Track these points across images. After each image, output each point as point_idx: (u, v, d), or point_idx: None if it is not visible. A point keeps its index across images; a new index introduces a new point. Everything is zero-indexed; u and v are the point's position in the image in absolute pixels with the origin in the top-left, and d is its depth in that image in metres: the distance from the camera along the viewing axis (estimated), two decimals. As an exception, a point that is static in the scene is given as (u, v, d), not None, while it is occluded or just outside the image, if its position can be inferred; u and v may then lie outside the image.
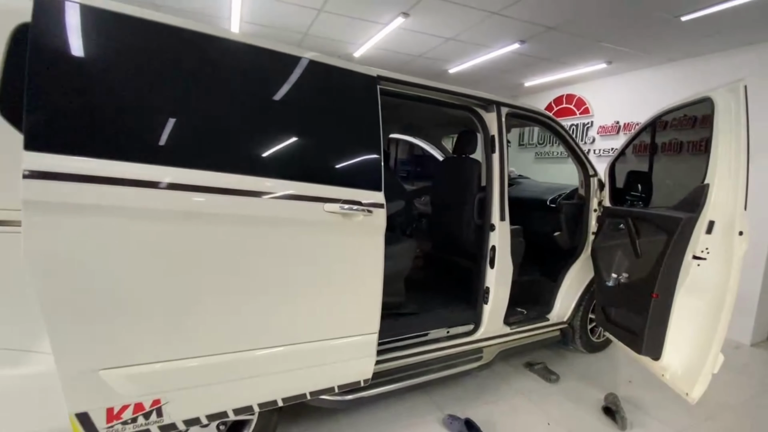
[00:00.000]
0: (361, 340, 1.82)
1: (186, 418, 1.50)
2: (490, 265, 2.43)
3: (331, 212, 1.59)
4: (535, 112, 2.75)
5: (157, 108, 1.37)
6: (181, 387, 1.45)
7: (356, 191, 1.67)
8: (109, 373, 1.32)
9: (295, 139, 1.61)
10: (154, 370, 1.39)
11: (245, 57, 1.55)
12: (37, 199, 1.16)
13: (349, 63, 1.77)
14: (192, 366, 1.45)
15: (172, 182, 1.31)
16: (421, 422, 2.25)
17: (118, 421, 1.38)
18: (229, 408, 1.58)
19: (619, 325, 2.48)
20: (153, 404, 1.41)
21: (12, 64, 1.30)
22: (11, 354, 1.34)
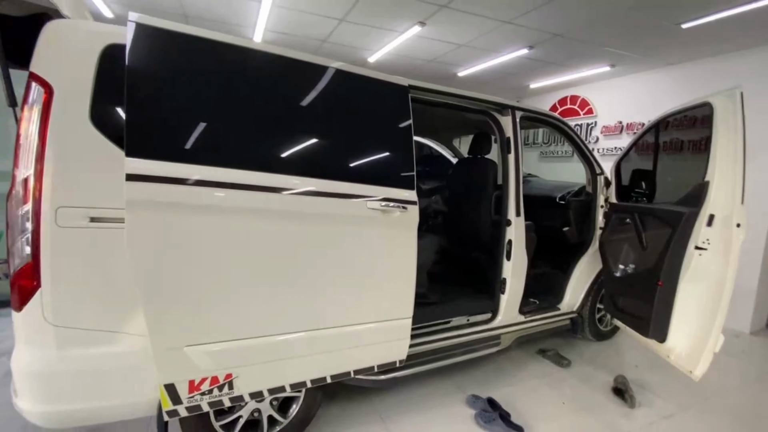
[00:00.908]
0: (397, 324, 2.02)
1: (252, 391, 1.70)
2: (507, 258, 2.63)
3: (373, 209, 1.80)
4: (546, 114, 2.94)
5: (233, 120, 1.58)
6: (249, 363, 1.66)
7: (393, 190, 1.88)
8: (192, 350, 1.53)
9: (344, 144, 1.84)
10: (228, 347, 1.59)
11: (309, 75, 1.77)
12: (136, 198, 1.36)
13: (384, 74, 1.97)
14: (259, 344, 1.66)
15: (246, 183, 1.53)
16: (446, 402, 2.45)
17: (197, 392, 1.58)
18: (286, 383, 1.78)
19: (626, 312, 2.68)
20: (226, 378, 1.62)
21: (101, 81, 1.49)
22: (103, 334, 1.53)
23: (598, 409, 2.46)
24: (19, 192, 1.43)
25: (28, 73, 1.44)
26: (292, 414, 1.97)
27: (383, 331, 1.98)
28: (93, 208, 1.47)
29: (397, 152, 1.96)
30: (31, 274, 1.43)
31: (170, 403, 1.54)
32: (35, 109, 1.42)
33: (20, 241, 1.43)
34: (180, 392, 1.55)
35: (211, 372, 1.59)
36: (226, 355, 1.60)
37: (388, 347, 2.03)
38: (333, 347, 1.86)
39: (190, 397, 1.57)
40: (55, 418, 1.55)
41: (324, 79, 1.79)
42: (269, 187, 1.57)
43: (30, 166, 1.41)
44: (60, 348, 1.48)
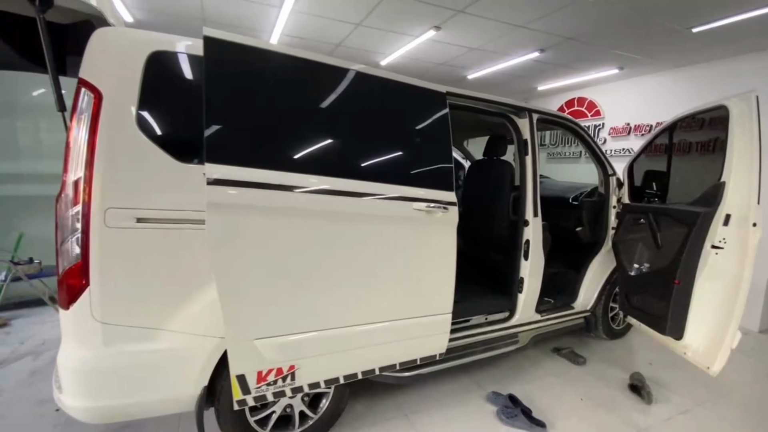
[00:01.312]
0: (439, 319, 2.13)
1: (310, 382, 1.79)
2: (525, 258, 2.68)
3: (418, 209, 1.92)
4: (562, 117, 3.00)
5: (300, 128, 1.71)
6: (309, 355, 1.75)
7: (435, 192, 2.00)
8: (261, 342, 1.62)
9: (393, 149, 1.97)
10: (292, 340, 1.70)
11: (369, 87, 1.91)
12: (215, 201, 1.46)
13: (425, 82, 2.08)
14: (319, 337, 1.76)
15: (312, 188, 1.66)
16: (467, 398, 2.50)
17: (264, 383, 1.67)
18: (341, 375, 1.87)
19: (642, 309, 2.73)
20: (289, 369, 1.72)
21: (147, 87, 1.55)
22: (147, 331, 1.58)
23: (616, 405, 2.51)
24: (69, 194, 1.48)
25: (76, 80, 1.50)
26: (322, 409, 2.02)
27: (426, 325, 2.09)
28: (139, 209, 1.53)
29: (438, 156, 2.08)
30: (80, 274, 1.49)
31: (240, 393, 1.62)
32: (85, 114, 1.48)
33: (70, 241, 1.48)
34: (249, 383, 1.64)
35: (277, 363, 1.68)
36: (290, 347, 1.70)
37: (430, 341, 2.14)
38: (383, 340, 1.96)
39: (258, 387, 1.67)
40: (99, 413, 1.60)
41: (381, 91, 1.95)
42: (328, 190, 1.69)
43: (80, 169, 1.47)
44: (107, 345, 1.53)
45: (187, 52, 1.63)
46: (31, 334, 3.25)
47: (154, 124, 1.56)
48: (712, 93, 4.04)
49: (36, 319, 3.55)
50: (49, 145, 3.99)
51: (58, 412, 2.19)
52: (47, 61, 1.55)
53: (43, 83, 3.78)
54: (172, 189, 1.58)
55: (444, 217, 2.02)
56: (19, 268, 3.36)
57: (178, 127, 1.63)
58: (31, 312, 3.69)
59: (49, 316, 3.57)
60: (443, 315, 2.13)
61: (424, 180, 1.98)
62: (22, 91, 3.85)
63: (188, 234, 1.61)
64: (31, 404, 2.28)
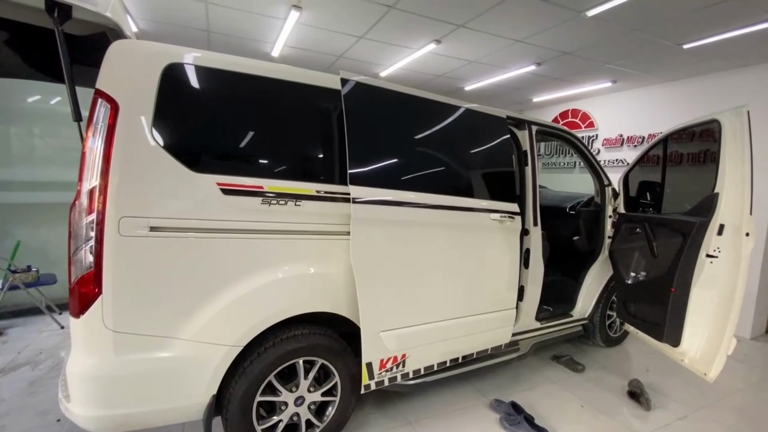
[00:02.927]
0: (507, 313, 2.54)
1: (414, 369, 2.14)
2: (525, 266, 2.73)
3: (493, 219, 2.36)
4: (559, 129, 3.09)
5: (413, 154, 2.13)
6: (416, 345, 2.09)
7: (504, 204, 2.43)
8: (386, 334, 1.96)
9: (476, 169, 2.40)
10: (405, 332, 2.04)
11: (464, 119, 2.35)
12: (357, 215, 1.83)
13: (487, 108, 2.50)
14: (425, 330, 2.11)
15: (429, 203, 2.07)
16: (470, 406, 2.52)
17: (384, 369, 2.01)
18: (435, 362, 2.23)
19: (639, 317, 2.79)
20: (402, 357, 2.05)
21: (162, 98, 1.58)
22: (158, 340, 1.59)
23: (616, 411, 2.55)
24: (83, 203, 1.50)
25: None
26: (328, 418, 2.03)
27: (498, 318, 2.49)
28: (153, 218, 1.55)
29: (505, 174, 2.51)
30: (93, 282, 1.49)
31: (368, 378, 1.96)
32: (101, 123, 1.50)
33: (84, 249, 1.49)
34: (374, 369, 1.97)
35: (394, 353, 2.01)
36: (404, 338, 2.03)
37: (499, 332, 2.53)
38: (468, 332, 2.33)
39: (380, 373, 1.99)
40: (107, 422, 1.59)
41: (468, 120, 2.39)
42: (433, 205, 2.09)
43: (95, 178, 1.49)
44: (118, 353, 1.54)
45: (202, 65, 1.67)
46: (28, 343, 3.20)
47: (169, 134, 1.59)
48: (703, 106, 4.18)
49: (32, 328, 3.50)
50: (44, 153, 3.97)
51: (59, 422, 2.17)
52: (65, 72, 1.57)
53: (38, 90, 3.79)
54: (186, 198, 1.61)
55: (511, 226, 2.45)
56: (16, 276, 3.32)
57: (192, 137, 1.67)
58: (28, 321, 3.64)
59: (46, 325, 3.52)
60: (510, 310, 2.54)
61: (497, 194, 2.41)
62: (17, 98, 3.83)
63: (200, 242, 1.64)
64: (32, 414, 2.25)
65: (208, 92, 1.70)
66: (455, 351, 2.32)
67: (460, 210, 2.22)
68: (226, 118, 1.74)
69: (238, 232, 1.71)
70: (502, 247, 2.44)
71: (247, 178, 1.72)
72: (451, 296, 2.23)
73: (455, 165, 2.31)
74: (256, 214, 1.73)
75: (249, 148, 1.79)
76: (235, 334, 1.70)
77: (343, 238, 1.94)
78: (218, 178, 1.66)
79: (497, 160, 2.48)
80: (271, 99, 1.83)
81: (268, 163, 1.82)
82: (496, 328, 2.49)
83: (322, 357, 1.95)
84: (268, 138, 1.83)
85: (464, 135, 2.37)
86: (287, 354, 1.84)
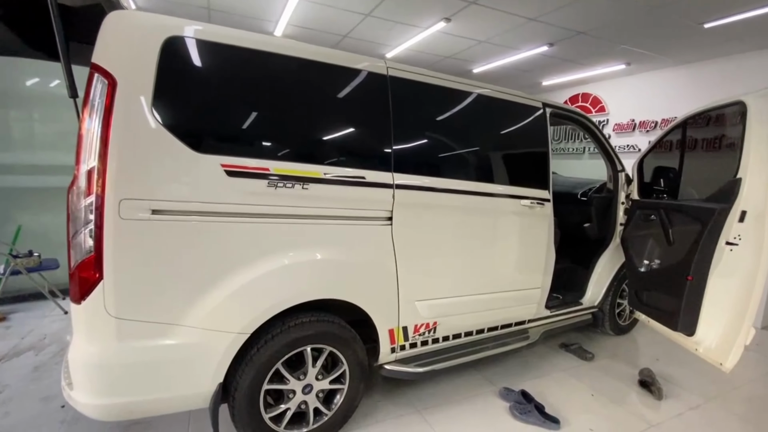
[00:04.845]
0: (533, 292, 2.68)
1: (443, 335, 2.32)
2: (537, 252, 2.67)
3: (524, 205, 2.45)
4: (574, 112, 2.97)
5: (449, 143, 2.26)
6: (446, 315, 2.26)
7: (536, 191, 2.51)
8: (420, 303, 2.14)
9: (509, 156, 2.50)
10: (437, 303, 2.21)
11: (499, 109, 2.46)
12: (400, 200, 1.95)
13: (526, 95, 2.56)
14: (455, 302, 2.29)
15: (461, 189, 2.20)
16: (479, 394, 2.48)
17: (417, 334, 2.18)
18: (462, 331, 2.41)
19: (652, 306, 2.73)
20: (433, 324, 2.23)
21: (163, 74, 1.49)
22: (162, 327, 1.54)
23: (627, 400, 2.51)
24: (81, 185, 1.43)
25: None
26: (336, 406, 1.99)
27: (523, 296, 2.63)
28: (155, 201, 1.48)
29: (539, 160, 2.58)
30: (94, 267, 1.43)
31: (402, 340, 2.13)
32: (98, 101, 1.42)
33: (83, 233, 1.43)
34: (409, 332, 2.15)
35: (427, 319, 2.19)
36: (436, 308, 2.21)
37: (523, 308, 2.68)
38: (493, 307, 2.49)
39: (414, 335, 2.17)
40: (111, 410, 1.55)
41: (504, 110, 2.48)
42: (466, 191, 2.22)
43: (93, 159, 1.41)
44: (121, 340, 1.49)
45: (205, 39, 1.57)
46: (31, 328, 3.18)
47: (170, 112, 1.51)
48: (719, 89, 4.04)
49: (36, 313, 3.48)
50: (45, 136, 3.89)
51: (63, 408, 2.15)
52: (59, 45, 1.48)
53: (37, 72, 3.68)
54: (189, 180, 1.53)
55: (542, 211, 2.55)
56: (18, 261, 3.28)
57: (194, 116, 1.58)
58: (31, 306, 3.61)
59: (50, 310, 3.50)
60: (536, 289, 2.68)
61: (529, 181, 2.49)
62: (18, 80, 3.74)
63: (205, 226, 1.57)
64: (36, 400, 2.23)
65: (211, 68, 1.60)
66: (481, 323, 2.49)
67: (493, 196, 2.33)
68: (231, 97, 1.65)
69: (244, 216, 1.64)
70: (530, 231, 2.56)
71: (252, 159, 1.64)
72: (480, 274, 2.39)
73: (490, 153, 2.44)
74: (262, 197, 1.66)
75: (255, 128, 1.70)
76: (241, 321, 1.65)
77: (354, 224, 1.88)
78: (222, 159, 1.58)
79: (531, 149, 2.59)
80: (280, 77, 1.74)
81: (274, 145, 1.74)
82: (519, 305, 2.64)
83: (330, 345, 1.90)
84: (275, 118, 1.75)
85: (500, 124, 2.48)
86: (295, 341, 1.79)
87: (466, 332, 2.43)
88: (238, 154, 1.62)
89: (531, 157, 2.60)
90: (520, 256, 2.55)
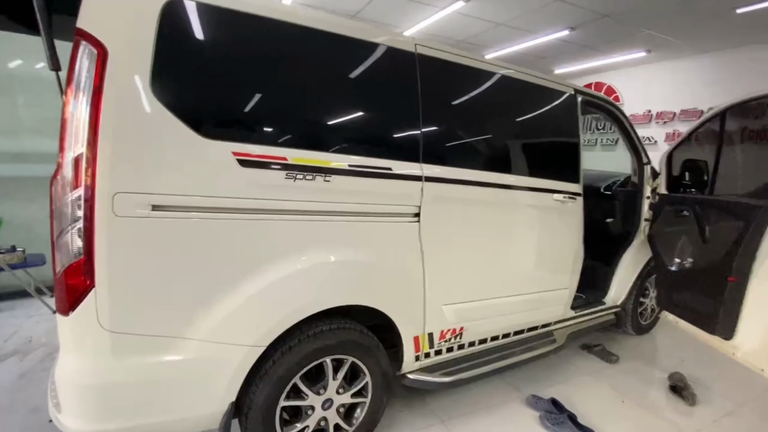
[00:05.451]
0: (561, 293, 2.51)
1: (469, 341, 2.12)
2: (564, 250, 2.50)
3: (556, 200, 2.28)
4: (605, 99, 2.79)
5: (479, 134, 2.08)
6: (473, 319, 2.07)
7: (568, 184, 2.35)
8: (447, 307, 1.95)
9: (542, 146, 2.38)
10: (466, 306, 2.03)
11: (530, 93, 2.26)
12: (429, 195, 1.76)
13: (560, 81, 2.39)
14: (480, 306, 2.09)
15: (495, 182, 2.02)
16: (505, 401, 2.32)
17: (443, 340, 1.99)
18: (488, 336, 2.21)
19: (685, 307, 2.58)
20: (460, 330, 2.04)
21: (163, 44, 1.25)
22: (165, 340, 1.33)
23: (659, 407, 2.37)
24: (67, 175, 1.20)
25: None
26: (357, 420, 1.81)
27: (551, 298, 2.46)
28: (155, 194, 1.25)
29: (571, 151, 2.43)
30: (84, 272, 1.21)
31: (428, 347, 1.95)
32: (85, 74, 1.18)
33: (70, 233, 1.20)
34: (435, 339, 1.96)
35: (453, 325, 2.00)
36: (463, 312, 2.02)
37: (549, 310, 2.50)
38: (523, 309, 2.31)
39: (439, 342, 1.98)
40: (107, 436, 1.34)
41: (536, 95, 2.29)
42: (500, 184, 2.04)
43: (81, 144, 1.18)
44: (116, 357, 1.27)
45: (214, 3, 1.33)
46: (15, 329, 2.94)
47: (173, 89, 1.28)
48: (742, 79, 3.87)
49: (20, 312, 3.24)
50: (28, 121, 3.59)
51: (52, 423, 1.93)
52: (37, 10, 1.24)
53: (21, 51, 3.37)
54: (195, 170, 1.31)
55: (574, 206, 2.40)
56: (0, 258, 3.02)
57: (201, 94, 1.35)
58: (14, 305, 3.36)
59: (35, 310, 3.25)
60: (564, 289, 2.51)
61: (561, 174, 2.33)
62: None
63: (213, 225, 1.35)
64: (24, 412, 2.02)
65: (221, 39, 1.37)
66: (508, 326, 2.31)
67: (526, 190, 2.16)
68: (245, 74, 1.42)
69: (258, 212, 1.42)
70: (564, 228, 2.42)
71: (269, 147, 1.42)
72: (510, 275, 2.23)
73: (524, 143, 2.26)
74: (279, 191, 1.44)
75: (271, 111, 1.48)
76: (256, 331, 1.44)
77: (379, 221, 1.68)
78: (234, 146, 1.35)
79: (564, 138, 2.43)
80: (300, 53, 1.51)
81: (293, 130, 1.52)
82: (548, 307, 2.48)
83: (352, 354, 1.71)
84: (294, 99, 1.52)
85: (535, 111, 2.31)
86: (314, 352, 1.59)
87: (492, 337, 2.25)
88: (252, 141, 1.40)
89: (564, 148, 2.43)
90: (550, 255, 2.39)
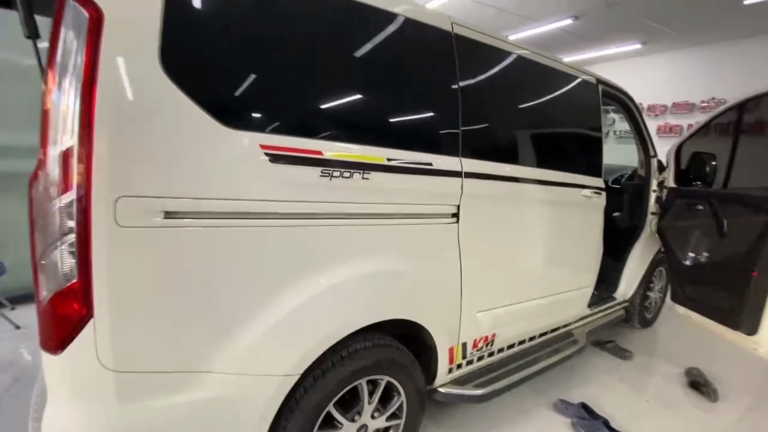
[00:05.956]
0: (584, 291, 2.46)
1: (499, 347, 1.99)
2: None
3: (584, 196, 2.22)
4: (622, 90, 2.71)
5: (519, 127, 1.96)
6: (504, 324, 1.94)
7: (593, 179, 2.27)
8: (482, 314, 1.81)
9: (573, 139, 2.32)
10: (500, 311, 1.90)
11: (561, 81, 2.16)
12: (469, 193, 1.60)
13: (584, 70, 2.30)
14: (513, 309, 1.97)
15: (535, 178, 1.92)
16: (533, 408, 2.21)
17: (475, 349, 1.85)
18: (516, 340, 2.09)
19: (703, 302, 2.55)
20: (492, 337, 1.90)
21: (174, 10, 0.99)
22: (181, 377, 1.08)
23: (682, 405, 2.34)
24: (52, 173, 0.93)
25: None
26: None
27: (577, 297, 2.40)
28: (168, 198, 1.00)
29: (596, 144, 2.34)
30: (79, 299, 0.95)
31: (461, 358, 1.79)
32: (75, 43, 0.91)
33: (59, 248, 0.93)
34: (468, 349, 1.80)
35: (486, 332, 1.86)
36: (496, 318, 1.88)
37: (573, 310, 2.44)
38: (550, 310, 2.21)
39: (471, 353, 1.83)
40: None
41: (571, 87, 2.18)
42: (539, 180, 1.94)
43: (71, 134, 0.91)
44: (123, 402, 1.02)
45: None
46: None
47: (188, 66, 1.02)
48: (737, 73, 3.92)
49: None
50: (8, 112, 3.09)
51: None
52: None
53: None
54: (217, 168, 1.06)
55: (598, 202, 2.33)
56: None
57: (224, 73, 1.10)
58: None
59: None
60: (586, 288, 2.46)
61: (587, 168, 2.26)
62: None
63: (238, 234, 1.11)
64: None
65: (246, 6, 1.12)
66: (535, 329, 2.21)
67: (561, 186, 2.07)
68: (275, 51, 1.18)
69: (290, 217, 1.20)
70: (589, 225, 2.38)
71: (302, 139, 1.19)
72: (543, 275, 2.16)
73: (559, 136, 2.22)
74: (313, 191, 1.22)
75: (306, 95, 1.25)
76: (290, 359, 1.22)
77: (416, 223, 1.48)
78: (262, 138, 1.12)
79: (590, 131, 2.35)
80: (335, 27, 1.29)
81: (327, 119, 1.29)
82: (572, 306, 2.42)
83: (388, 374, 1.52)
84: (330, 81, 1.30)
85: (569, 103, 2.24)
86: (350, 376, 1.39)
87: (519, 341, 2.14)
88: (282, 132, 1.16)
89: (591, 141, 2.35)
90: (578, 253, 2.36)
